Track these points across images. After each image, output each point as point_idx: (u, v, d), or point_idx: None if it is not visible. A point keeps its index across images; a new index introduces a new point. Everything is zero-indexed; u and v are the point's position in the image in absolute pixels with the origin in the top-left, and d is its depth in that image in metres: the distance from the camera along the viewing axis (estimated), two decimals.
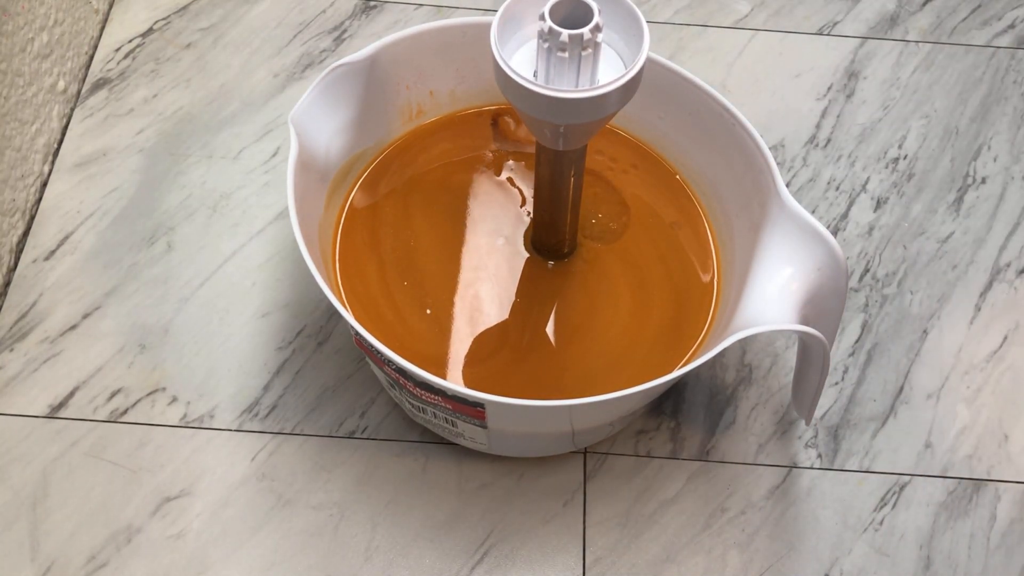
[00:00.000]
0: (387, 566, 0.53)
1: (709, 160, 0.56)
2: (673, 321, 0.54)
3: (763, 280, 0.48)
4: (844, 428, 0.57)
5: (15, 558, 0.52)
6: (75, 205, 0.63)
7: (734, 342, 0.45)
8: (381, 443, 0.56)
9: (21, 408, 0.56)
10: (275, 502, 0.54)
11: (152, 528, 0.53)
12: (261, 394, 0.57)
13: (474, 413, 0.48)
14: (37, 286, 0.60)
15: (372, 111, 0.55)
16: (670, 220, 0.57)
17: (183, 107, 0.68)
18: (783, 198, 0.49)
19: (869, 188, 0.66)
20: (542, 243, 0.55)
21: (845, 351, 0.60)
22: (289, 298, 0.60)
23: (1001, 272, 0.63)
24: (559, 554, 0.53)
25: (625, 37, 0.46)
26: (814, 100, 0.70)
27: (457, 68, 0.57)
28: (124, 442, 0.55)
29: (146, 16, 0.72)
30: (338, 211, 0.56)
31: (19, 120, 0.61)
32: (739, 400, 0.58)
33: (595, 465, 0.56)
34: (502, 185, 0.58)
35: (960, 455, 0.57)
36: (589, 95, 0.43)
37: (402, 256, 0.55)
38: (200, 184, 0.64)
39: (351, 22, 0.72)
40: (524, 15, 0.45)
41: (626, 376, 0.52)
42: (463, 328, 0.53)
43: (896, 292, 0.62)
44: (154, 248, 0.62)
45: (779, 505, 0.55)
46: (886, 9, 0.74)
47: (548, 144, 0.48)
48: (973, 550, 0.54)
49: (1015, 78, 0.71)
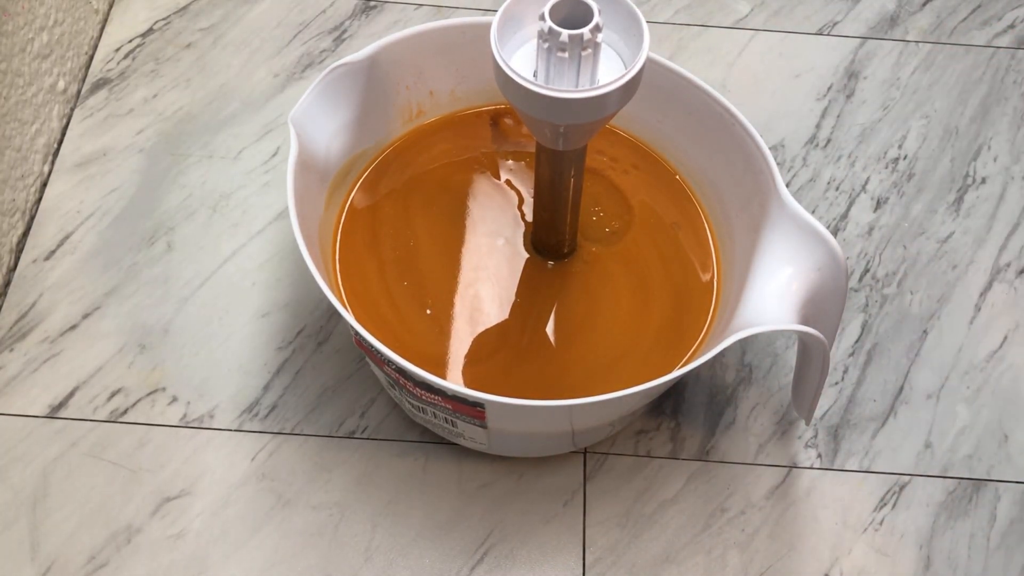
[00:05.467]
0: (387, 566, 0.53)
1: (709, 160, 0.56)
2: (673, 321, 0.54)
3: (763, 280, 0.48)
4: (844, 428, 0.57)
5: (15, 558, 0.52)
6: (75, 205, 0.63)
7: (734, 342, 0.45)
8: (381, 443, 0.56)
9: (21, 408, 0.56)
10: (275, 502, 0.54)
11: (152, 528, 0.53)
12: (261, 394, 0.57)
13: (474, 413, 0.48)
14: (37, 286, 0.60)
15: (372, 111, 0.55)
16: (670, 220, 0.57)
17: (183, 107, 0.68)
18: (783, 198, 0.49)
19: (869, 188, 0.66)
20: (542, 243, 0.55)
21: (845, 351, 0.60)
22: (289, 298, 0.60)
23: (1001, 272, 0.63)
24: (559, 554, 0.53)
25: (625, 37, 0.46)
26: (814, 100, 0.70)
27: (457, 68, 0.57)
28: (124, 442, 0.55)
29: (146, 16, 0.72)
30: (338, 211, 0.56)
31: (19, 120, 0.61)
32: (739, 400, 0.58)
33: (595, 465, 0.56)
34: (502, 185, 0.58)
35: (960, 455, 0.57)
36: (589, 95, 0.43)
37: (402, 256, 0.55)
38: (200, 184, 0.64)
39: (351, 22, 0.72)
40: (524, 15, 0.45)
41: (626, 376, 0.52)
42: (463, 328, 0.53)
43: (896, 292, 0.62)
44: (154, 248, 0.62)
45: (779, 505, 0.55)
46: (886, 9, 0.74)
47: (548, 144, 0.48)
48: (973, 550, 0.54)
49: (1015, 78, 0.71)
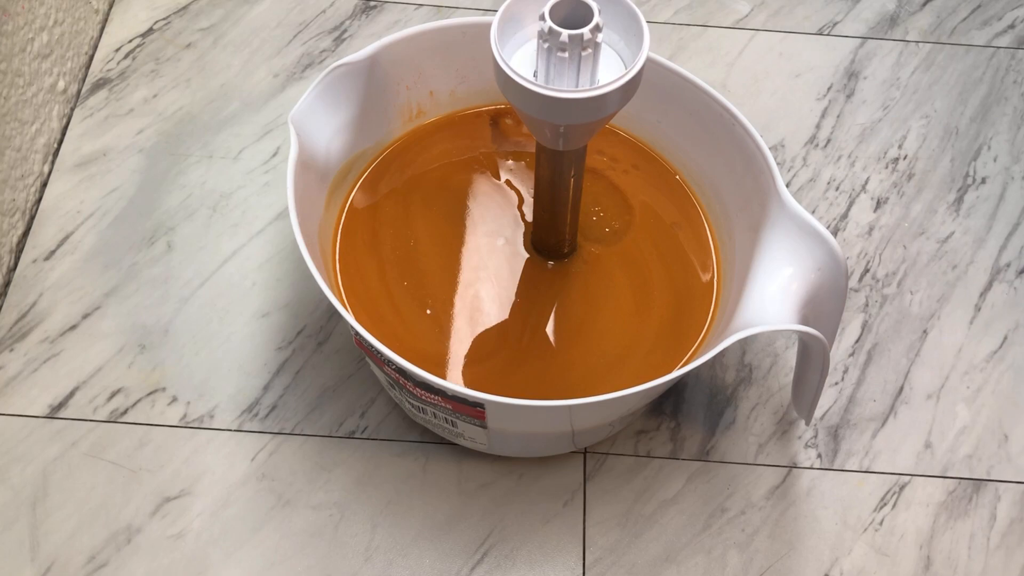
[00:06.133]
0: (387, 566, 0.53)
1: (709, 160, 0.56)
2: (673, 321, 0.54)
3: (763, 280, 0.48)
4: (844, 428, 0.57)
5: (15, 558, 0.52)
6: (75, 205, 0.63)
7: (734, 342, 0.45)
8: (381, 443, 0.56)
9: (21, 408, 0.56)
10: (275, 502, 0.54)
11: (152, 528, 0.53)
12: (261, 394, 0.57)
13: (474, 413, 0.48)
14: (37, 286, 0.60)
15: (372, 111, 0.55)
16: (670, 220, 0.57)
17: (183, 107, 0.68)
18: (783, 198, 0.49)
19: (869, 188, 0.66)
20: (542, 243, 0.55)
21: (845, 351, 0.60)
22: (289, 298, 0.60)
23: (1001, 272, 0.63)
24: (559, 554, 0.53)
25: (625, 37, 0.46)
26: (814, 100, 0.70)
27: (457, 68, 0.57)
28: (124, 442, 0.55)
29: (146, 16, 0.72)
30: (338, 211, 0.56)
31: (19, 120, 0.61)
32: (739, 400, 0.58)
33: (595, 465, 0.56)
34: (502, 185, 0.58)
35: (960, 455, 0.57)
36: (589, 95, 0.43)
37: (402, 256, 0.55)
38: (200, 184, 0.64)
39: (351, 22, 0.72)
40: (524, 15, 0.45)
41: (626, 376, 0.52)
42: (463, 328, 0.53)
43: (896, 292, 0.62)
44: (154, 248, 0.62)
45: (779, 505, 0.55)
46: (886, 9, 0.74)
47: (548, 144, 0.48)
48: (973, 550, 0.54)
49: (1015, 78, 0.71)
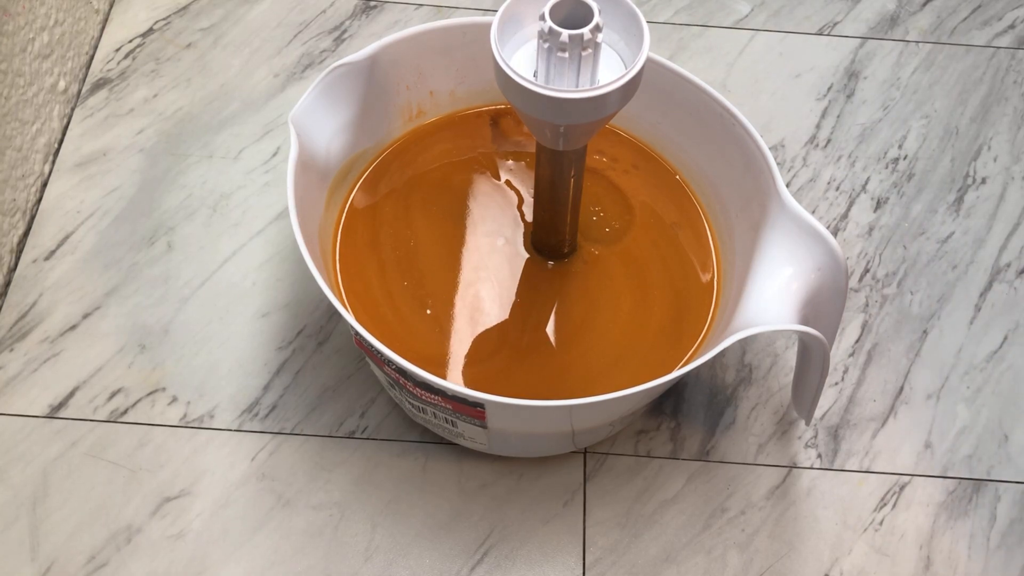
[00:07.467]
0: (387, 566, 0.53)
1: (709, 160, 0.56)
2: (673, 321, 0.54)
3: (763, 280, 0.48)
4: (844, 428, 0.57)
5: (15, 558, 0.52)
6: (75, 205, 0.63)
7: (734, 342, 0.45)
8: (381, 443, 0.56)
9: (21, 408, 0.56)
10: (275, 502, 0.54)
11: (152, 528, 0.53)
12: (261, 394, 0.57)
13: (474, 413, 0.48)
14: (37, 286, 0.60)
15: (372, 111, 0.55)
16: (670, 220, 0.57)
17: (183, 107, 0.68)
18: (783, 198, 0.49)
19: (869, 188, 0.66)
20: (542, 243, 0.55)
21: (845, 351, 0.60)
22: (289, 298, 0.60)
23: (1001, 272, 0.63)
24: (559, 554, 0.53)
25: (625, 37, 0.46)
26: (814, 100, 0.70)
27: (457, 68, 0.57)
28: (124, 442, 0.55)
29: (146, 16, 0.72)
30: (338, 211, 0.56)
31: (19, 120, 0.61)
32: (739, 400, 0.58)
33: (595, 465, 0.56)
34: (502, 185, 0.58)
35: (960, 455, 0.57)
36: (589, 95, 0.43)
37: (402, 256, 0.55)
38: (200, 184, 0.64)
39: (351, 22, 0.72)
40: (524, 15, 0.45)
41: (626, 376, 0.52)
42: (463, 328, 0.53)
43: (896, 292, 0.62)
44: (154, 248, 0.62)
45: (779, 505, 0.55)
46: (886, 9, 0.74)
47: (548, 144, 0.48)
48: (973, 550, 0.54)
49: (1015, 78, 0.71)
